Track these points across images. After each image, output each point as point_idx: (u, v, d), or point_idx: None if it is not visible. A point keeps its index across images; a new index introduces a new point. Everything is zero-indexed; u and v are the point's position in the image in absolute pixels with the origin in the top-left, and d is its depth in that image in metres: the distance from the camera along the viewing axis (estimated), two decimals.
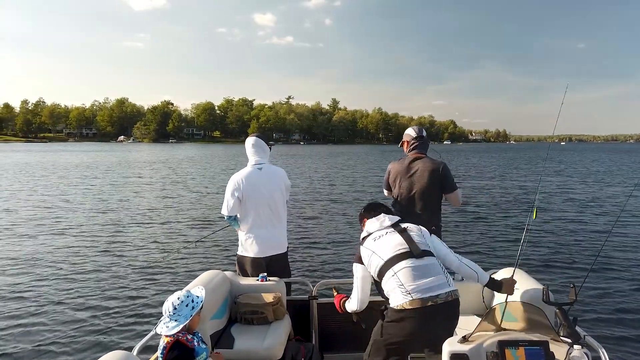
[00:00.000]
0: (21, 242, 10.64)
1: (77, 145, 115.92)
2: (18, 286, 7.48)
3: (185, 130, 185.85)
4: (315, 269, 8.65)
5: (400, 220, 3.11)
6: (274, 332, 3.51)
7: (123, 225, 12.80)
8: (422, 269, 2.73)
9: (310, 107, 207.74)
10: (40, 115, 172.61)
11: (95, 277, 8.02)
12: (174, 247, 9.94)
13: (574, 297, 2.48)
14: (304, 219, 14.19)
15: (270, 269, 4.19)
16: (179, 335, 2.59)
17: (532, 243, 10.60)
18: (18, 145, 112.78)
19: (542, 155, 75.10)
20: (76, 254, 9.54)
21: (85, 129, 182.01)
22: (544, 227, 12.66)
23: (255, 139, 4.43)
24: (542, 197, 19.26)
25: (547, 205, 16.98)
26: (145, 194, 20.34)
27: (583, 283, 5.31)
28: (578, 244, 10.72)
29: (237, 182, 4.20)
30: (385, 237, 2.95)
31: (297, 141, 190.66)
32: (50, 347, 5.39)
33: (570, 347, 2.26)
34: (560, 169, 36.46)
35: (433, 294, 2.65)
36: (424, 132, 4.57)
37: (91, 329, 5.86)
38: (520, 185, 24.70)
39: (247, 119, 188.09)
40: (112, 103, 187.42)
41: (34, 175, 28.95)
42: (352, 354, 3.96)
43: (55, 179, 26.57)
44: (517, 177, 30.65)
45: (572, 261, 9.18)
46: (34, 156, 56.36)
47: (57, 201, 17.53)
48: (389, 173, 4.52)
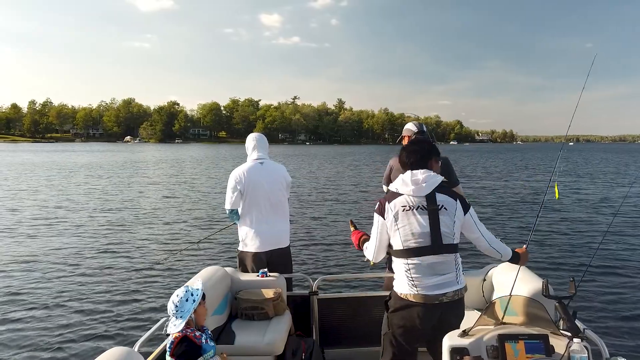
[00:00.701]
0: (24, 241, 10.69)
1: (84, 146, 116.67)
2: (19, 284, 7.51)
3: (191, 130, 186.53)
4: (315, 265, 8.68)
5: (440, 187, 2.71)
6: (274, 328, 3.51)
7: (124, 224, 12.84)
8: (435, 266, 2.64)
9: (316, 108, 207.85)
10: (47, 115, 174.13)
11: (96, 274, 8.05)
12: (177, 247, 9.94)
13: (573, 290, 2.47)
14: (306, 215, 14.28)
15: (272, 263, 4.19)
16: (187, 331, 2.61)
17: (532, 237, 10.63)
18: (25, 146, 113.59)
19: (552, 155, 74.64)
20: (78, 253, 9.57)
21: (92, 129, 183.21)
22: (544, 222, 12.84)
23: (258, 135, 4.46)
24: (541, 193, 19.39)
25: (547, 201, 16.96)
26: (148, 193, 20.42)
27: (583, 277, 5.31)
28: (578, 239, 10.85)
29: (239, 175, 4.21)
30: (413, 217, 2.65)
31: (302, 141, 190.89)
32: (52, 343, 5.41)
33: (570, 341, 2.24)
34: (569, 169, 36.31)
35: (440, 292, 2.62)
36: (425, 127, 4.57)
37: (93, 326, 5.88)
38: (528, 185, 24.63)
39: (252, 119, 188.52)
40: (119, 103, 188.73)
41: (39, 175, 29.11)
42: (353, 349, 3.97)
43: (58, 179, 26.67)
44: (526, 177, 30.51)
45: (572, 255, 9.27)
46: (39, 156, 56.71)
47: (57, 201, 17.58)
48: (390, 169, 4.52)
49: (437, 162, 2.85)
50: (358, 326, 3.97)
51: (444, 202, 2.67)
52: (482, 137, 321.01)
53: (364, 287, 7.04)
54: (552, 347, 2.24)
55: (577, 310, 2.50)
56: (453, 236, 2.68)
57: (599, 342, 2.52)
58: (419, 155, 2.78)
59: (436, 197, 2.67)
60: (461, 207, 2.70)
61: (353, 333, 3.95)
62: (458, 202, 2.70)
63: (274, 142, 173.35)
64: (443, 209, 2.66)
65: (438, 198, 2.67)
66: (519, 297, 2.54)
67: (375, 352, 3.99)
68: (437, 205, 2.65)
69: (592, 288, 7.05)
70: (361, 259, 8.96)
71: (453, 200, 2.69)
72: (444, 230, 2.65)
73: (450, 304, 2.64)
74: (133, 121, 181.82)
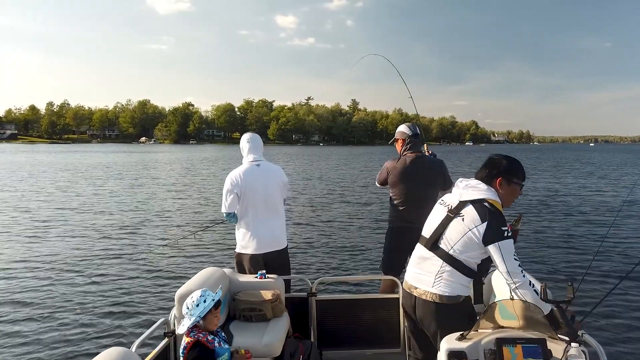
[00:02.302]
0: (20, 241, 10.71)
1: (99, 147, 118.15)
2: (16, 285, 7.53)
3: (205, 131, 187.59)
4: (314, 266, 8.68)
5: (477, 202, 2.59)
6: (272, 329, 3.50)
7: (123, 226, 12.77)
8: (422, 260, 2.78)
9: (330, 108, 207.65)
10: (64, 117, 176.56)
11: (93, 275, 8.06)
12: (177, 246, 9.89)
13: (571, 295, 2.43)
14: (305, 216, 14.29)
15: (269, 265, 4.17)
16: (200, 336, 2.65)
17: (530, 241, 10.86)
18: (42, 146, 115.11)
19: (570, 156, 73.75)
20: (76, 253, 9.58)
21: (108, 130, 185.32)
22: (543, 225, 12.92)
23: (252, 135, 4.45)
24: (542, 196, 19.49)
25: (546, 204, 17.21)
26: (149, 193, 20.42)
27: (581, 281, 5.25)
28: (576, 242, 10.86)
29: (235, 178, 4.19)
30: (436, 211, 2.81)
31: (316, 142, 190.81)
32: (49, 344, 5.42)
33: (568, 345, 2.24)
34: (590, 171, 35.86)
35: (413, 283, 2.81)
36: (418, 129, 4.52)
37: (90, 327, 5.90)
38: (541, 187, 24.35)
39: (266, 120, 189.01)
40: (134, 105, 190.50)
41: (37, 176, 29.17)
42: (351, 350, 3.97)
43: (62, 181, 26.74)
44: (543, 179, 30.18)
45: (570, 259, 9.27)
46: (55, 157, 57.50)
47: (57, 201, 17.65)
48: (387, 172, 4.50)
49: (507, 183, 2.68)
50: (356, 328, 3.96)
51: (468, 214, 2.59)
52: (498, 137, 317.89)
53: (363, 288, 7.06)
54: (550, 352, 2.24)
55: (575, 315, 2.47)
56: (453, 246, 2.61)
57: (596, 346, 2.50)
58: (487, 171, 2.72)
59: (465, 206, 2.62)
60: (483, 231, 2.52)
61: (351, 335, 3.94)
62: (484, 224, 2.53)
63: (288, 143, 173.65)
64: (459, 219, 2.61)
65: (466, 208, 2.62)
66: (517, 301, 2.52)
67: (373, 353, 3.96)
68: (459, 213, 2.62)
69: (590, 292, 7.04)
70: (360, 261, 8.98)
71: (479, 219, 2.54)
72: (448, 236, 2.64)
73: (422, 302, 2.72)
74: (148, 122, 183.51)
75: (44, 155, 63.82)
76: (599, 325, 5.94)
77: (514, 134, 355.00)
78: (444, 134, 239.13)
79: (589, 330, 2.78)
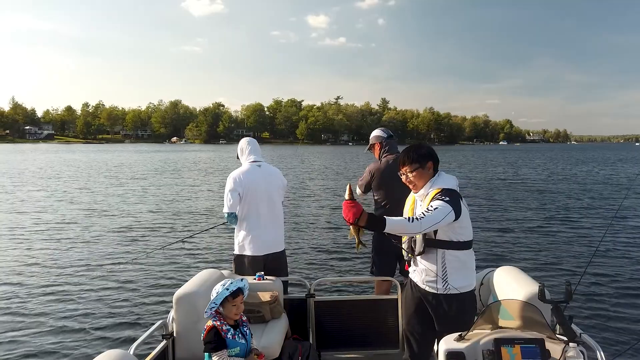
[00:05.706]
0: (16, 244, 10.67)
1: (132, 146, 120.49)
2: (14, 287, 7.51)
3: (235, 131, 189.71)
4: (312, 268, 8.65)
5: None
6: (271, 331, 3.51)
7: (122, 228, 12.63)
8: None
9: (359, 108, 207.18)
10: (99, 117, 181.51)
11: (92, 277, 8.05)
12: (177, 247, 9.60)
13: (569, 295, 2.43)
14: (304, 218, 14.27)
15: (268, 267, 4.18)
16: (217, 323, 2.76)
17: (528, 241, 10.87)
18: (76, 146, 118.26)
19: (606, 156, 71.71)
20: (75, 254, 9.59)
21: (141, 131, 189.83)
22: (541, 225, 12.90)
23: (250, 139, 4.53)
24: (542, 197, 19.34)
25: (545, 204, 17.14)
26: (150, 195, 20.24)
27: (579, 281, 5.16)
28: (574, 243, 10.81)
29: (237, 178, 4.22)
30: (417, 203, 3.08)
31: (345, 142, 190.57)
32: (47, 346, 5.43)
33: (566, 345, 2.27)
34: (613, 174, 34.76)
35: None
36: (390, 131, 4.72)
37: (89, 329, 5.90)
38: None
39: (295, 119, 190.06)
40: (166, 105, 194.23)
41: (48, 177, 29.24)
42: (349, 351, 3.96)
43: (71, 181, 26.70)
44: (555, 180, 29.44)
45: (568, 259, 9.22)
46: (78, 155, 58.65)
47: (59, 201, 17.74)
48: (372, 175, 4.50)
49: None
50: (355, 329, 3.95)
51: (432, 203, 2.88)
52: (533, 137, 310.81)
53: (362, 290, 7.04)
54: (548, 352, 2.27)
55: (573, 315, 2.46)
56: None
57: (595, 346, 2.51)
58: None
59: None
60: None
61: (350, 336, 3.93)
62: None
63: (317, 143, 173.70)
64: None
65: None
66: (515, 302, 2.56)
67: (372, 354, 3.93)
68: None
69: (588, 293, 7.03)
70: (359, 262, 8.88)
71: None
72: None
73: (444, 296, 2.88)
74: (179, 122, 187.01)
75: (73, 154, 64.86)
76: (597, 325, 5.91)
77: (550, 133, 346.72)
78: (477, 133, 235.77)
79: (588, 330, 2.76)
